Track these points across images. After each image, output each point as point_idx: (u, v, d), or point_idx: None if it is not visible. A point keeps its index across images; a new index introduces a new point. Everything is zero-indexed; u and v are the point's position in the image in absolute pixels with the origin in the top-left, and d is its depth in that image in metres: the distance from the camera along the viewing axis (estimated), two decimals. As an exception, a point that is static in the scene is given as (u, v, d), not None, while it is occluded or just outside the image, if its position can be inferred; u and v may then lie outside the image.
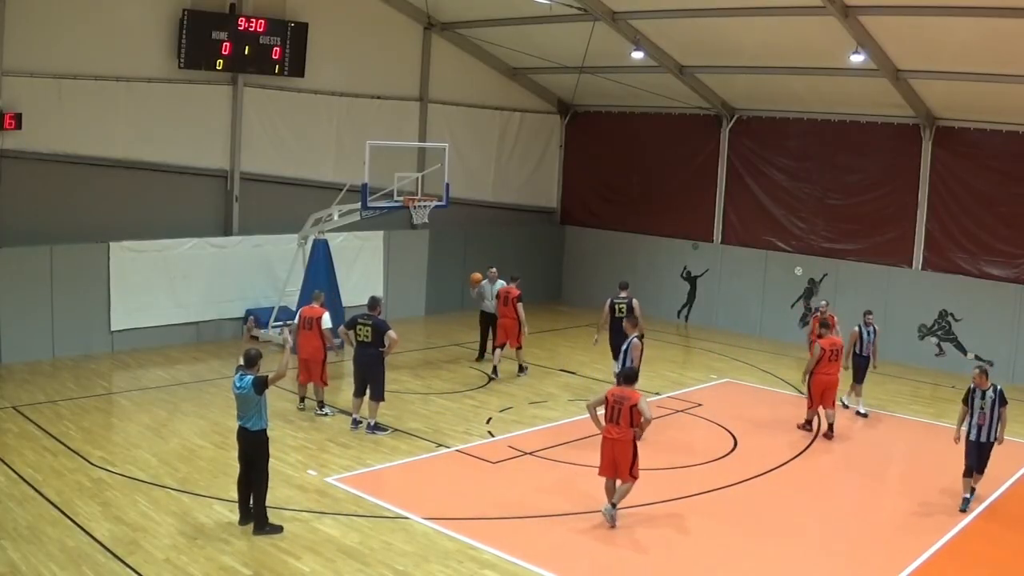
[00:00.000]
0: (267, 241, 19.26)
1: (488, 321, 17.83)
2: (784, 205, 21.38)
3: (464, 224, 22.72)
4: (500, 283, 17.65)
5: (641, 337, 13.71)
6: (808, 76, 19.09)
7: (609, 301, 15.94)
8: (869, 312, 15.52)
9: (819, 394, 14.01)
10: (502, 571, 9.29)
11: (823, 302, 16.44)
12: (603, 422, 10.62)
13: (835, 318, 15.85)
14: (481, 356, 17.97)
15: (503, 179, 24.18)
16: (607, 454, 10.52)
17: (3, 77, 15.84)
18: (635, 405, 10.37)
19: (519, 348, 16.98)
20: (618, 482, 10.54)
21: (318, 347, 14.03)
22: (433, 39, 21.99)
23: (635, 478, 10.52)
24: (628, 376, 10.86)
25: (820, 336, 14.19)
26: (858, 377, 15.34)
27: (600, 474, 10.63)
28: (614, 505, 10.47)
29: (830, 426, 14.12)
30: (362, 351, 13.39)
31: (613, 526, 10.36)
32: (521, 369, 17.06)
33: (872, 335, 15.23)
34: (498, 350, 16.93)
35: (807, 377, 14.13)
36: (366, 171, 16.44)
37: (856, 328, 15.22)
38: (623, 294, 15.94)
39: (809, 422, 14.42)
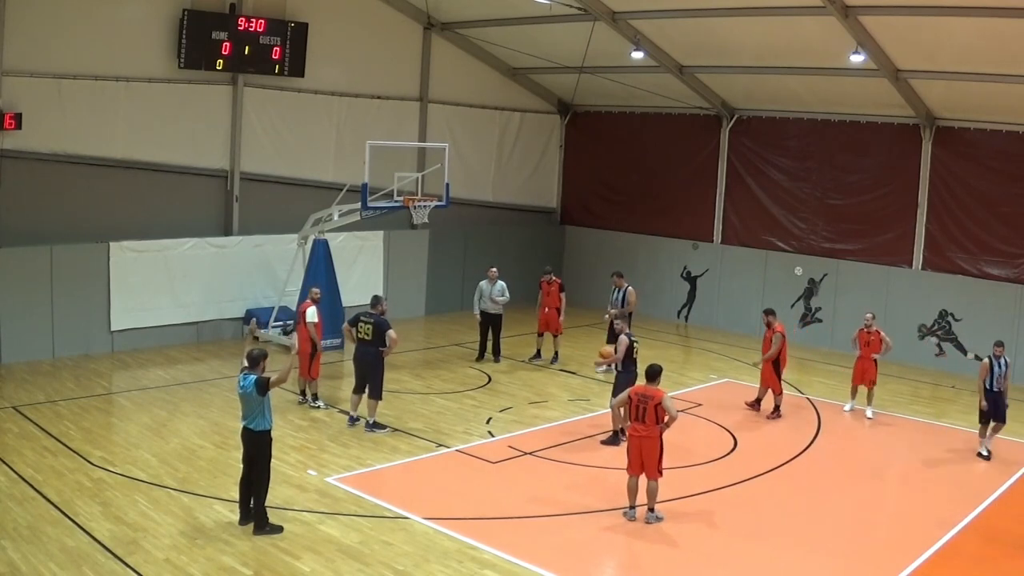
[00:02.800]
0: (267, 241, 19.26)
1: (488, 321, 17.87)
2: (784, 205, 21.38)
3: (464, 224, 22.73)
4: (500, 284, 17.69)
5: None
6: (808, 76, 19.10)
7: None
8: (999, 344, 13.64)
9: (780, 376, 15.22)
10: (502, 571, 9.30)
11: (868, 315, 15.42)
12: (628, 420, 10.73)
13: (881, 333, 15.17)
14: (481, 356, 18.00)
15: (503, 179, 24.17)
16: (634, 452, 10.58)
17: (3, 77, 15.85)
18: (659, 403, 10.47)
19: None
20: (641, 481, 10.59)
21: (305, 340, 14.12)
22: (433, 39, 21.99)
23: (660, 475, 10.58)
24: (652, 374, 10.81)
25: (769, 325, 15.31)
26: (997, 415, 13.40)
27: (629, 472, 10.65)
28: (651, 509, 10.60)
29: (758, 401, 15.45)
30: (363, 349, 13.44)
31: (648, 522, 10.56)
32: (556, 356, 18.10)
33: (1004, 367, 13.37)
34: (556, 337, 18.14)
35: (762, 362, 15.29)
36: (366, 171, 16.44)
37: (986, 360, 13.51)
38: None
39: (769, 404, 15.31)
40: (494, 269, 17.95)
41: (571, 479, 12.01)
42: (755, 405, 15.45)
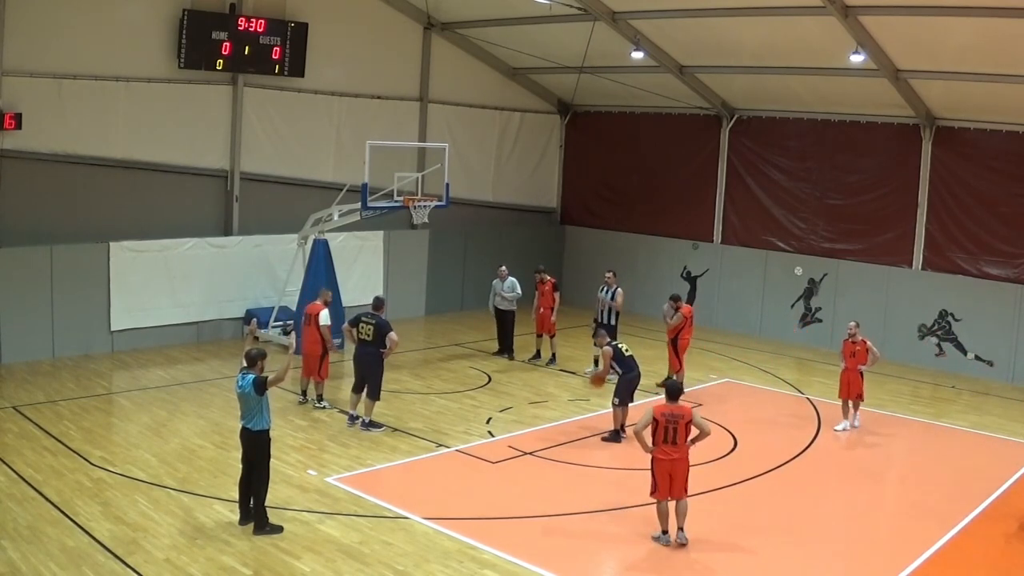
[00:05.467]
0: (267, 241, 19.25)
1: (499, 318, 18.23)
2: (784, 205, 21.37)
3: (464, 224, 22.73)
4: (511, 280, 17.90)
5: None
6: (808, 76, 19.09)
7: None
8: None
9: (683, 354, 16.31)
10: (502, 571, 9.30)
11: (852, 324, 14.63)
12: (651, 443, 10.00)
13: (867, 342, 14.29)
14: (501, 351, 18.33)
15: (503, 179, 24.17)
16: (664, 476, 9.90)
17: (3, 77, 15.84)
18: (691, 421, 9.92)
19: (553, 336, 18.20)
20: (670, 503, 10.00)
21: (315, 342, 14.15)
22: (433, 39, 21.99)
23: (687, 492, 10.06)
24: (675, 391, 10.25)
25: (677, 308, 16.21)
26: None
27: (657, 497, 10.03)
28: (681, 528, 9.99)
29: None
30: (363, 349, 13.47)
31: (681, 543, 9.96)
32: (553, 358, 18.07)
33: None
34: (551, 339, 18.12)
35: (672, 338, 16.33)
36: (366, 171, 16.44)
37: None
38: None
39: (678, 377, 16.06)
40: (503, 268, 18.17)
41: (571, 479, 12.02)
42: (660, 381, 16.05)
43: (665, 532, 10.03)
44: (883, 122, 19.74)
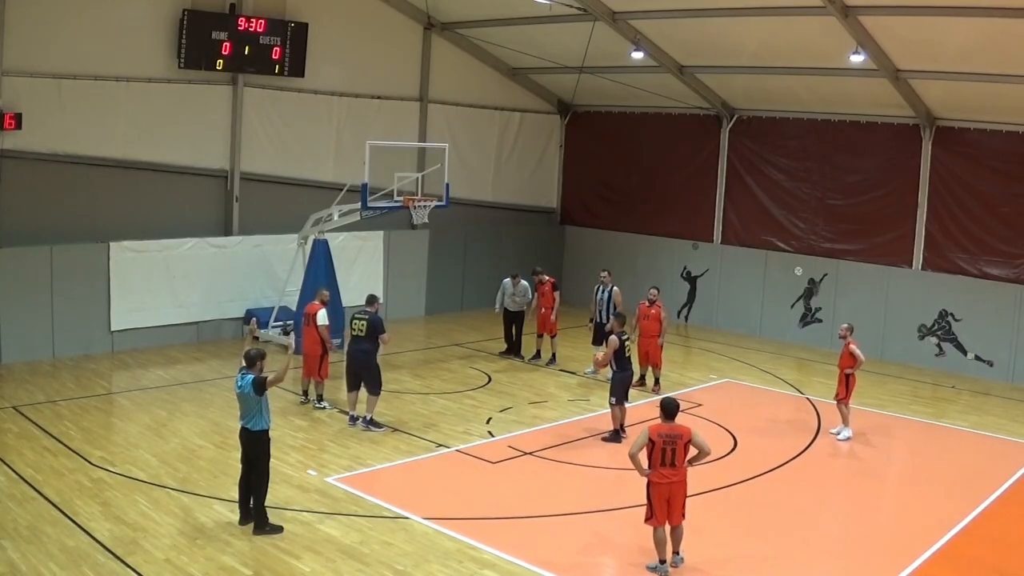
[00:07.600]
0: (267, 241, 19.26)
1: (511, 319, 18.31)
2: (784, 205, 21.37)
3: (464, 224, 22.73)
4: (523, 283, 18.11)
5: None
6: (808, 76, 19.09)
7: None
8: None
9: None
10: (502, 571, 9.30)
11: (844, 325, 14.30)
12: (647, 466, 9.31)
13: (851, 345, 13.93)
14: (509, 351, 18.41)
15: (503, 179, 24.17)
16: (661, 500, 9.21)
17: (3, 77, 15.84)
18: (690, 441, 9.24)
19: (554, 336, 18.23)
20: (668, 528, 9.38)
21: (315, 342, 14.21)
22: (433, 39, 21.99)
23: (684, 517, 9.45)
24: (672, 410, 9.43)
25: (653, 302, 16.50)
26: None
27: (654, 524, 9.31)
28: (677, 552, 9.49)
29: (656, 380, 16.53)
30: (356, 346, 13.54)
31: (675, 565, 9.46)
32: (553, 358, 18.12)
33: None
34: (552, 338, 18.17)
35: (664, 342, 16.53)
36: (366, 171, 16.44)
37: None
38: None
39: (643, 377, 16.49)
40: (517, 275, 18.32)
41: (571, 479, 12.02)
42: (652, 384, 16.42)
43: (663, 561, 9.40)
44: (883, 122, 19.73)
